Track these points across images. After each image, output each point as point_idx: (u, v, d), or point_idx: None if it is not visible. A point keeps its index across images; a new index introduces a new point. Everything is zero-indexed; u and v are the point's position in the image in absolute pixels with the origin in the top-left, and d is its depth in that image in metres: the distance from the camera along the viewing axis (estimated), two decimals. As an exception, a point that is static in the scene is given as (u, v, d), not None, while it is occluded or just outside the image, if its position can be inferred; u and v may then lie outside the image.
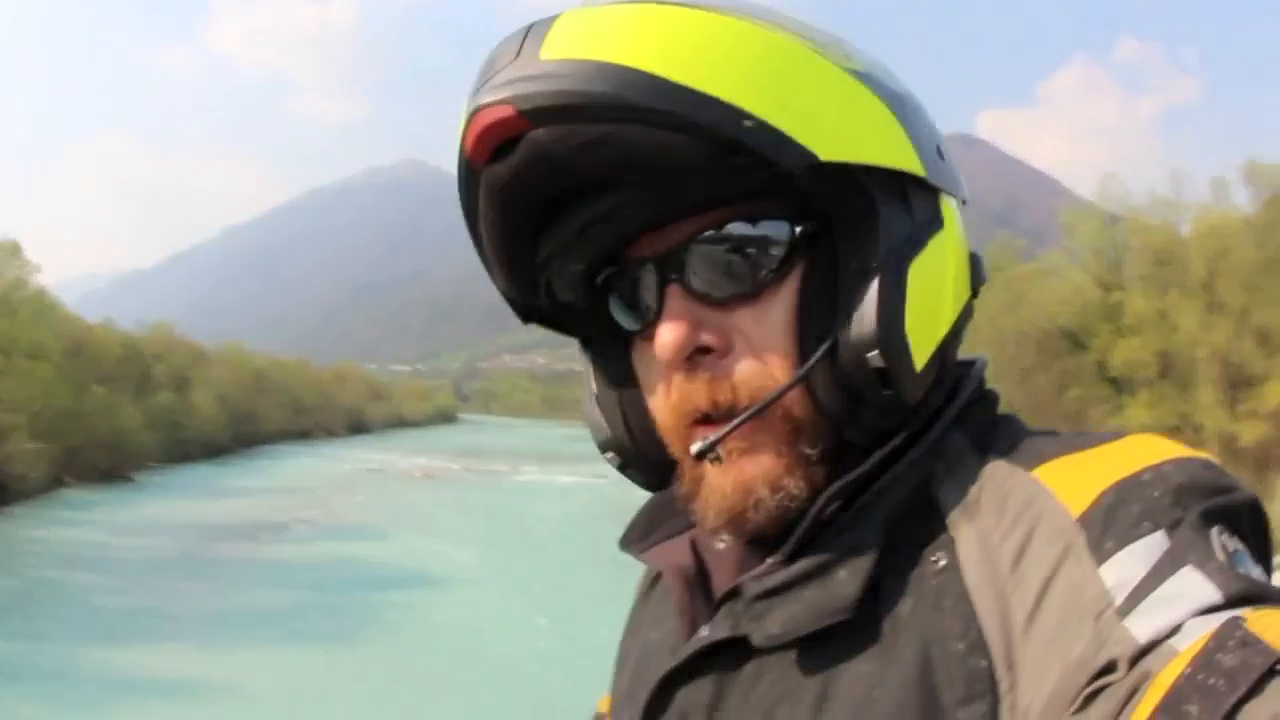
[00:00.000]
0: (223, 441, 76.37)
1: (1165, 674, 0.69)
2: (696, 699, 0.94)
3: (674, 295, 0.92)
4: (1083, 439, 0.91)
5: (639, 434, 1.06)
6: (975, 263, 1.01)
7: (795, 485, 0.91)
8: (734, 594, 0.94)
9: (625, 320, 1.00)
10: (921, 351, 0.91)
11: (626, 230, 0.93)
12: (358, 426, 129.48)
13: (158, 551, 31.13)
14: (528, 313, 1.07)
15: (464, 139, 0.88)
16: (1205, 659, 0.68)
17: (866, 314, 0.88)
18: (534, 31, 0.86)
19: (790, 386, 0.90)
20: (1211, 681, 0.67)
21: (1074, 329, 47.02)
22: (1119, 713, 0.70)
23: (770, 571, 0.91)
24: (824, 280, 0.91)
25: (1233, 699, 0.65)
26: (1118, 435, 0.90)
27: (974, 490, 0.90)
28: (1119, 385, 45.77)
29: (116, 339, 66.15)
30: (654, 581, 1.18)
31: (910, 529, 0.89)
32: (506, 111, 0.83)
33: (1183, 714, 0.67)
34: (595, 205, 0.90)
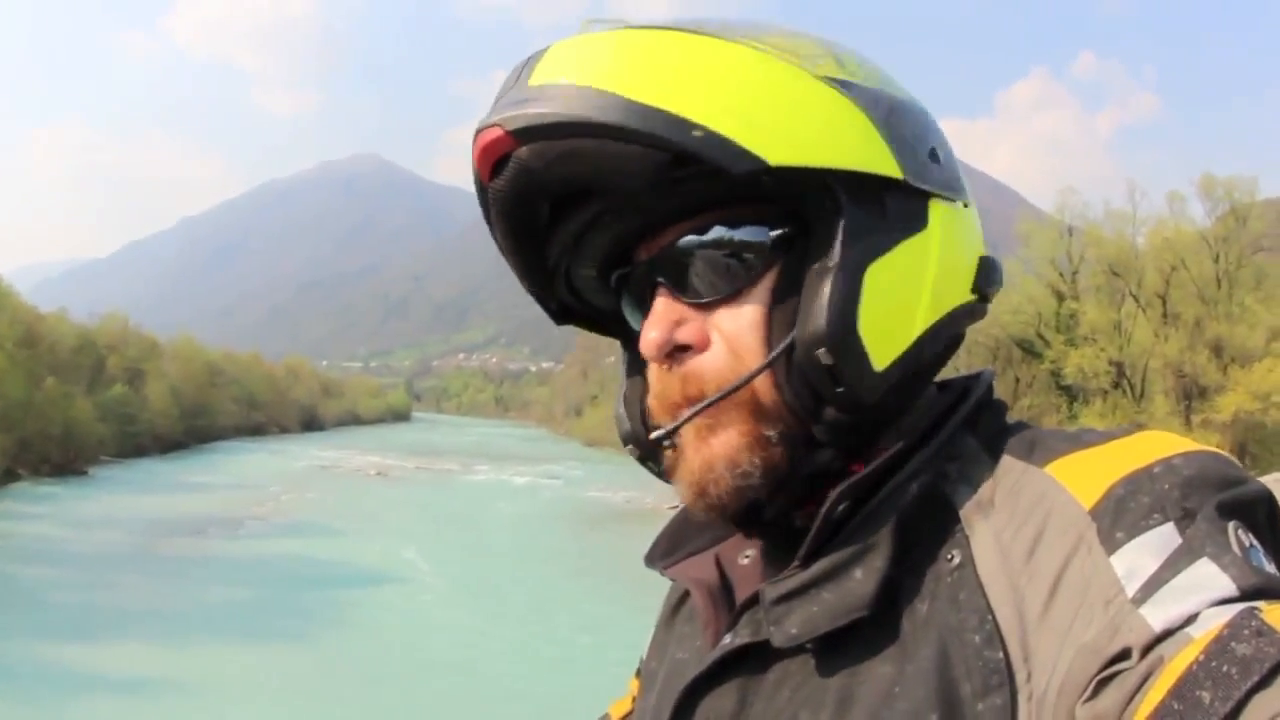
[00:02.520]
0: (176, 436, 76.15)
1: (1179, 660, 0.70)
2: (721, 707, 0.95)
3: (660, 295, 0.98)
4: (1094, 435, 0.92)
5: (655, 428, 1.05)
6: (986, 266, 1.02)
7: (750, 463, 0.93)
8: (754, 601, 0.95)
9: (633, 319, 1.05)
10: (881, 352, 0.92)
11: (620, 235, 0.99)
12: (311, 423, 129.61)
13: (111, 547, 30.91)
14: (562, 314, 1.13)
15: (472, 158, 0.95)
16: (1219, 647, 0.69)
17: (818, 312, 0.90)
18: (530, 59, 0.94)
19: (747, 380, 0.93)
20: (1225, 669, 0.67)
21: (1027, 338, 47.48)
22: (1131, 698, 0.71)
23: (788, 575, 0.92)
24: (795, 280, 0.94)
25: (1245, 687, 0.66)
26: (1129, 431, 0.91)
27: (987, 488, 0.91)
28: (1072, 394, 46.33)
29: (70, 330, 65.68)
30: (677, 606, 1.19)
31: (925, 528, 0.91)
32: (497, 133, 0.90)
33: (1195, 700, 0.67)
34: (581, 214, 0.97)
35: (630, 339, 1.11)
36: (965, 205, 1.02)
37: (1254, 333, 42.80)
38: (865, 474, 0.92)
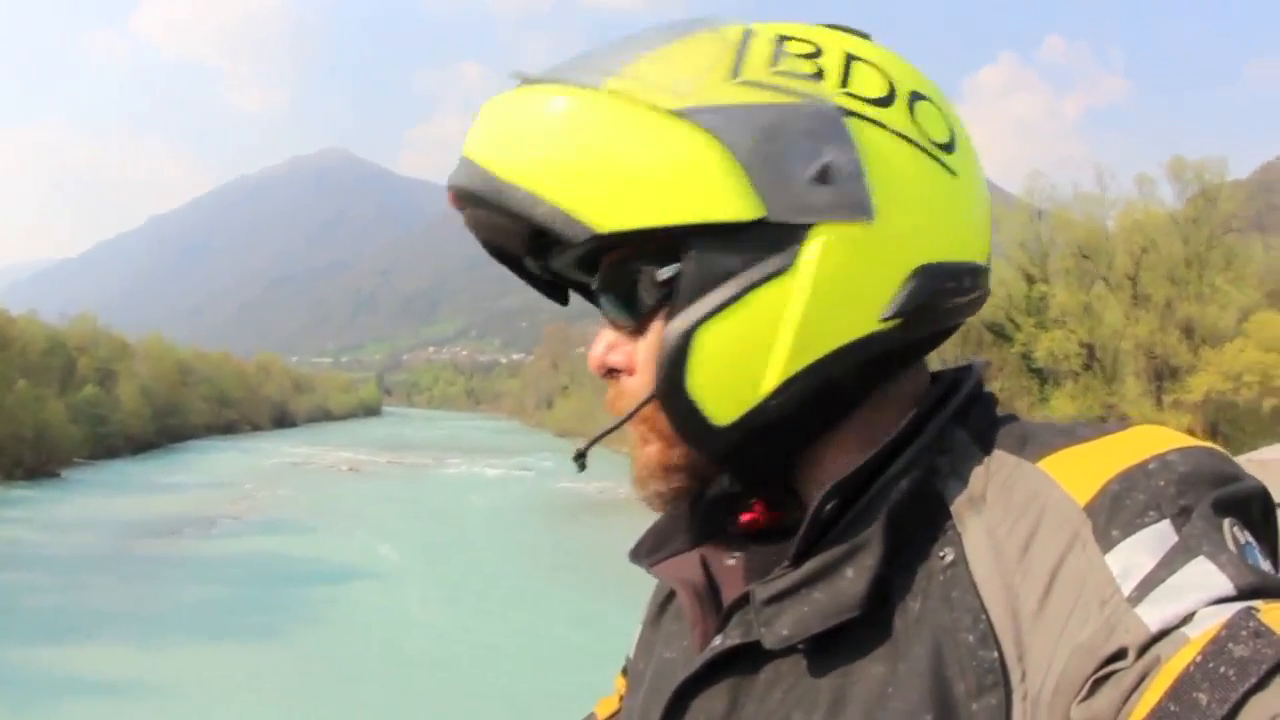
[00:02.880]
0: (148, 436, 75.96)
1: (1176, 661, 0.69)
2: (712, 710, 0.94)
3: (603, 319, 1.01)
4: (1087, 430, 0.91)
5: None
6: (923, 278, 0.93)
7: (665, 483, 0.99)
8: (744, 602, 0.94)
9: None
10: (722, 409, 0.91)
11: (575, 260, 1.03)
12: (282, 419, 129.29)
13: (85, 549, 30.98)
14: (562, 293, 1.14)
15: None
16: (1217, 648, 0.68)
17: (655, 368, 0.93)
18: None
19: (626, 419, 0.98)
20: (1222, 670, 0.67)
21: (998, 321, 47.43)
22: (1127, 698, 0.70)
23: (778, 575, 0.91)
24: None
25: (1243, 689, 0.65)
26: (1123, 426, 0.91)
27: (979, 484, 0.90)
28: (1043, 377, 46.40)
29: (41, 332, 65.33)
30: (663, 604, 1.18)
31: (916, 525, 0.89)
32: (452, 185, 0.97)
33: (1192, 701, 0.67)
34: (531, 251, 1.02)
35: None
36: (869, 221, 0.91)
37: (1225, 313, 43.18)
38: (855, 470, 0.90)
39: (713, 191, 0.89)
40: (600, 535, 36.35)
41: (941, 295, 0.95)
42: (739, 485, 1.03)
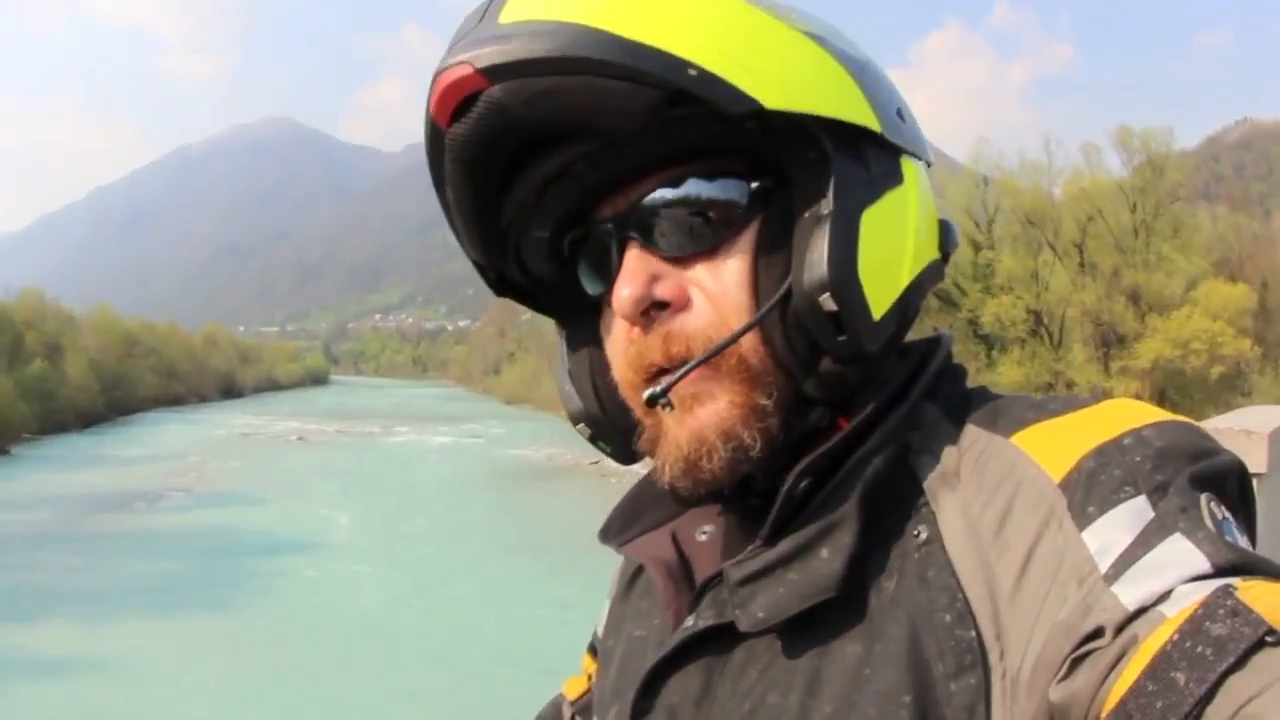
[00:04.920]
0: (97, 410, 75.11)
1: (1153, 639, 0.68)
2: (686, 690, 0.92)
3: (632, 252, 0.93)
4: (1059, 403, 0.90)
5: (609, 405, 1.06)
6: (945, 229, 1.01)
7: (749, 436, 0.90)
8: (716, 581, 0.92)
9: (590, 284, 1.01)
10: (879, 300, 0.89)
11: (586, 188, 0.94)
12: (230, 390, 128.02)
13: (36, 526, 30.72)
14: (500, 284, 1.08)
15: (429, 103, 0.90)
16: (1194, 626, 0.66)
17: (818, 258, 0.87)
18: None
19: (744, 331, 0.89)
20: (1200, 649, 0.65)
21: (944, 287, 47.39)
22: (1105, 678, 0.69)
23: (752, 556, 0.89)
24: (779, 233, 0.91)
25: (1220, 668, 0.64)
26: (1096, 399, 0.90)
27: (952, 460, 0.89)
28: (990, 343, 46.43)
29: (-14, 308, 64.37)
30: (632, 579, 1.15)
31: (890, 502, 0.88)
32: (465, 71, 0.84)
33: (1169, 681, 0.65)
34: (551, 161, 0.91)
35: (570, 313, 1.11)
36: (928, 165, 1.02)
37: (1172, 280, 43.32)
38: (828, 448, 0.89)
39: (852, 98, 0.91)
40: (551, 500, 36.60)
41: (952, 245, 1.01)
42: (827, 418, 0.95)
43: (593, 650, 1.27)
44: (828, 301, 0.86)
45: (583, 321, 1.08)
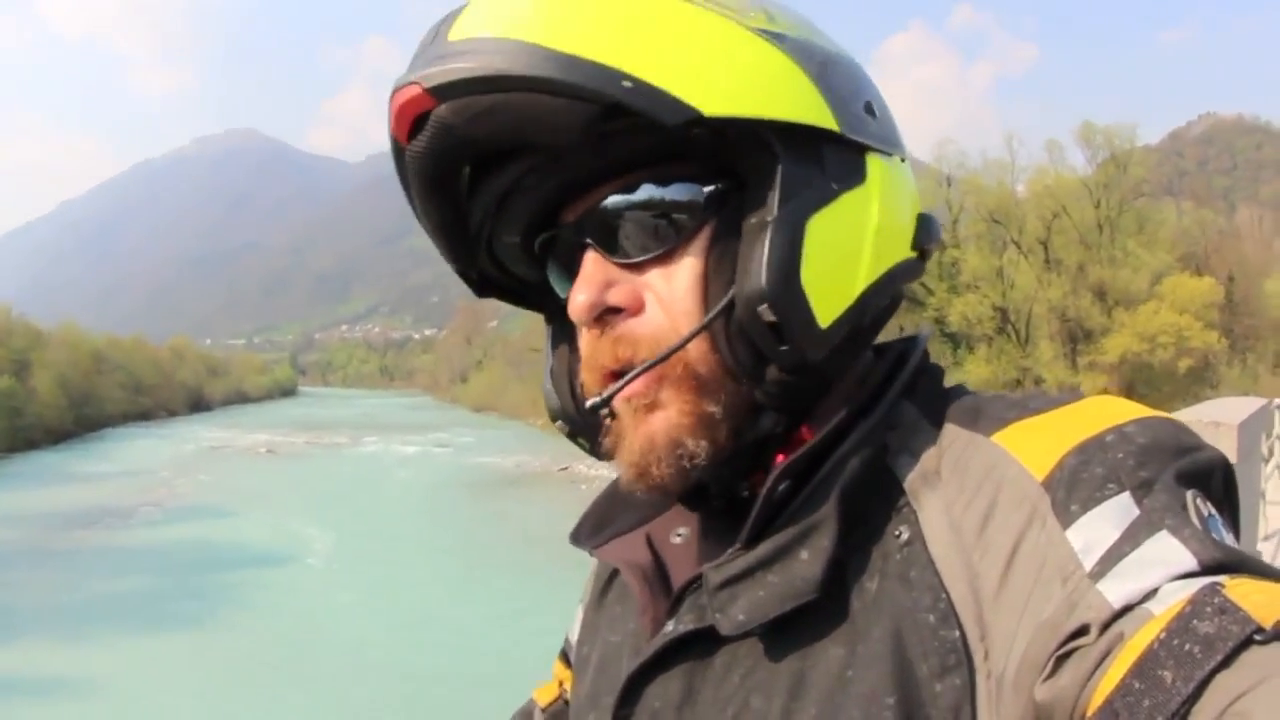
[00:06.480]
0: (66, 426, 74.51)
1: (1139, 637, 0.67)
2: (667, 696, 0.91)
3: (588, 257, 0.92)
4: (1039, 401, 0.89)
5: (584, 403, 1.02)
6: (925, 223, 0.99)
7: (695, 444, 0.89)
8: (695, 584, 0.91)
9: (560, 286, 1.00)
10: (826, 307, 0.87)
11: (545, 197, 0.94)
12: (198, 404, 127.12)
13: (5, 544, 30.28)
14: (483, 286, 1.08)
15: (389, 121, 0.90)
16: (1181, 624, 0.66)
17: (757, 268, 0.85)
18: (450, 15, 0.89)
19: (685, 341, 0.88)
20: (1187, 648, 0.64)
21: (909, 287, 47.83)
22: (1090, 675, 0.68)
23: (731, 559, 0.88)
24: (729, 239, 0.89)
25: (1209, 667, 0.63)
26: (1075, 397, 0.89)
27: (932, 460, 0.88)
28: (957, 341, 46.71)
29: (-47, 326, 63.81)
30: (606, 584, 1.14)
31: (870, 504, 0.87)
32: (415, 91, 0.84)
33: (1156, 679, 0.64)
34: (504, 175, 0.92)
35: (555, 311, 1.10)
36: (902, 160, 1.00)
37: (1137, 276, 43.77)
38: (806, 450, 0.88)
39: (805, 98, 0.88)
40: (521, 508, 36.39)
41: (932, 240, 0.99)
42: (780, 424, 0.93)
43: (564, 656, 1.26)
44: (767, 312, 0.85)
45: (564, 320, 1.07)
